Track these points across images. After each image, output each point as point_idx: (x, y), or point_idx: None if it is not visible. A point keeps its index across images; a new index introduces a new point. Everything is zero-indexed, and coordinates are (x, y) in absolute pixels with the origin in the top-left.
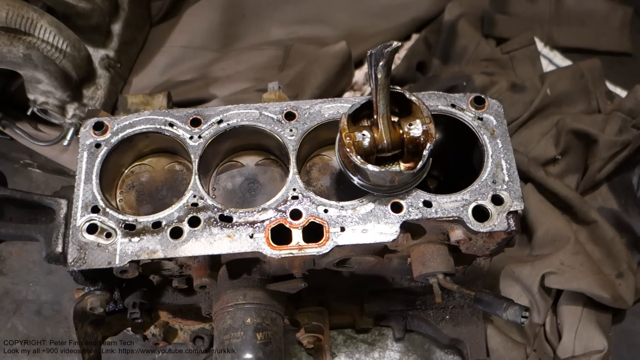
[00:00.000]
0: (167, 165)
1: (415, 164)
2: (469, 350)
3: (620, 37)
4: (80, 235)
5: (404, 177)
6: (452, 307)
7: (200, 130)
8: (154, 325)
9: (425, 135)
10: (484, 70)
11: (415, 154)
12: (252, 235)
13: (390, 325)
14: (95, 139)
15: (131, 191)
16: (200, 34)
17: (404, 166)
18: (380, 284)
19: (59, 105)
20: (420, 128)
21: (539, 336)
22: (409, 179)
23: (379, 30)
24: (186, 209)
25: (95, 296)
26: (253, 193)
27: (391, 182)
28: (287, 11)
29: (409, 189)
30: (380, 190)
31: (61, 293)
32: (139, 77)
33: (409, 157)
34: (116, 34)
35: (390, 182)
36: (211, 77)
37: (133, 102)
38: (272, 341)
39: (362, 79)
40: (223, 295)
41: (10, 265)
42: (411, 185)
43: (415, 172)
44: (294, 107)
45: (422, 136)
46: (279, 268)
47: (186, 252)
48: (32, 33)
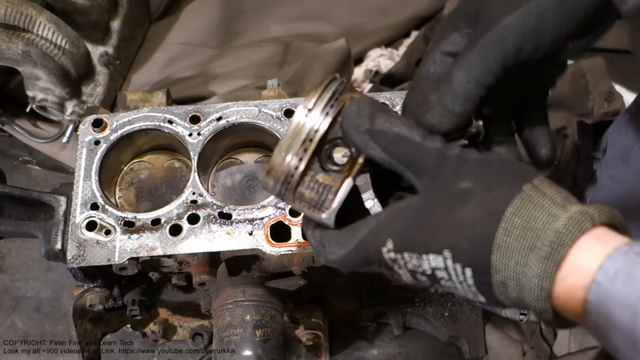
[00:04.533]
0: (166, 162)
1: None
2: (468, 347)
3: (620, 34)
4: (79, 232)
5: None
6: (451, 304)
7: (200, 127)
8: (153, 322)
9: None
10: None
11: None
12: (251, 232)
13: (389, 322)
14: (94, 136)
15: (130, 188)
16: (199, 31)
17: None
18: (379, 281)
19: (58, 102)
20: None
21: (535, 333)
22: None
23: (379, 27)
24: (185, 206)
25: (94, 293)
26: (252, 190)
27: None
28: (287, 8)
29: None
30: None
31: (60, 290)
32: (138, 74)
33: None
34: (115, 31)
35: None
36: (210, 74)
37: (132, 99)
38: (272, 338)
39: (361, 76)
40: (222, 292)
41: (9, 262)
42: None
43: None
44: (294, 104)
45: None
46: (278, 265)
47: (185, 249)
48: (31, 30)
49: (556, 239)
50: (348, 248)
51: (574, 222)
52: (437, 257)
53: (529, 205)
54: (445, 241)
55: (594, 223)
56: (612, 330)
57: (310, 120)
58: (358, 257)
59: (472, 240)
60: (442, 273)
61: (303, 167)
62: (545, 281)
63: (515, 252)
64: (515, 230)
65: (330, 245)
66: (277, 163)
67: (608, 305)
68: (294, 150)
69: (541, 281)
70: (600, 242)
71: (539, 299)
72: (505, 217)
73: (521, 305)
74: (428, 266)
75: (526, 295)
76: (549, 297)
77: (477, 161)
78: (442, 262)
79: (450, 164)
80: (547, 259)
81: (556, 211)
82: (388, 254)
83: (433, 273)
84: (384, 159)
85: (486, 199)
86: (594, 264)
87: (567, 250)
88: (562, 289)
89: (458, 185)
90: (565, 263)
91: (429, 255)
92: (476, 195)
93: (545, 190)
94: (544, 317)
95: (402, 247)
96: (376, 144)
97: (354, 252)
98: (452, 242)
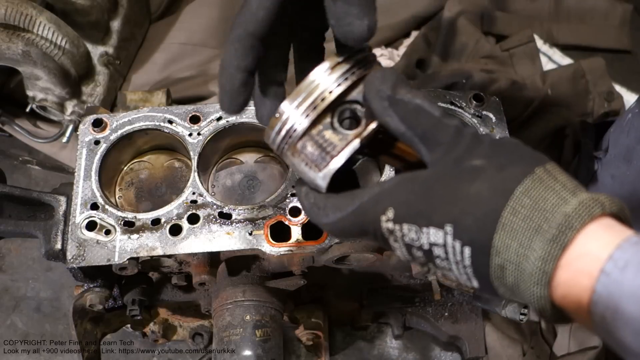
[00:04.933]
0: (166, 162)
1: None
2: (468, 347)
3: (619, 34)
4: (79, 232)
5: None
6: (451, 304)
7: (200, 127)
8: (153, 322)
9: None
10: (484, 67)
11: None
12: (251, 232)
13: (389, 322)
14: (94, 135)
15: (130, 188)
16: (199, 31)
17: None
18: (379, 281)
19: (58, 102)
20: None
21: (535, 333)
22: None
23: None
24: (185, 206)
25: (94, 293)
26: (252, 190)
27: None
28: None
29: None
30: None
31: (60, 290)
32: (137, 74)
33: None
34: (115, 31)
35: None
36: (210, 74)
37: (132, 99)
38: (272, 338)
39: None
40: (222, 292)
41: (9, 262)
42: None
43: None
44: None
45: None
46: (278, 265)
47: (185, 249)
48: (31, 30)
49: (565, 221)
50: (344, 212)
51: (585, 207)
52: (438, 231)
53: (539, 186)
54: (449, 215)
55: (604, 211)
56: (620, 322)
57: (328, 79)
58: (353, 223)
59: (477, 217)
60: (439, 250)
61: (307, 123)
62: (548, 264)
63: (520, 232)
64: (522, 210)
65: (326, 208)
66: (283, 114)
67: (617, 297)
68: (304, 104)
69: (544, 264)
70: (609, 231)
71: (538, 283)
72: (514, 195)
73: (514, 294)
74: (426, 241)
75: (525, 280)
76: (549, 284)
77: (491, 142)
78: (442, 237)
79: (465, 141)
80: (553, 241)
81: (566, 195)
82: (386, 223)
83: (430, 249)
84: (399, 128)
85: (497, 177)
86: (603, 252)
87: (574, 234)
88: (565, 276)
89: (470, 162)
90: (572, 247)
91: (430, 229)
92: (487, 173)
93: (557, 175)
94: (539, 304)
95: (403, 218)
96: (394, 112)
97: (350, 217)
98: (456, 217)
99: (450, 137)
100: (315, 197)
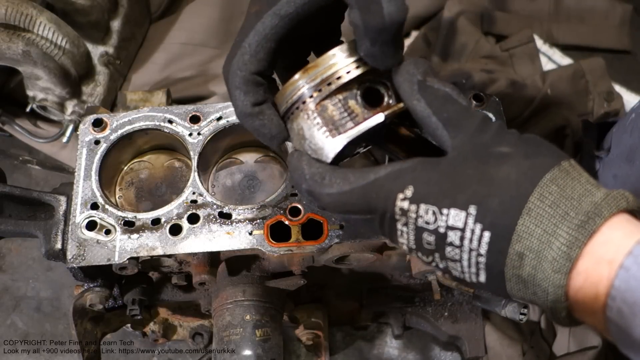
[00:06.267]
0: (166, 162)
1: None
2: (467, 347)
3: (619, 34)
4: (79, 232)
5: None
6: (451, 304)
7: (200, 127)
8: (153, 321)
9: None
10: (484, 67)
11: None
12: (251, 232)
13: (389, 322)
14: (94, 135)
15: (130, 188)
16: (199, 31)
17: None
18: (379, 281)
19: (58, 101)
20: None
21: (535, 333)
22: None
23: None
24: (185, 205)
25: (94, 293)
26: (252, 190)
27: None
28: None
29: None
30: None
31: (60, 289)
32: (138, 74)
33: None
34: (115, 31)
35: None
36: (210, 74)
37: (132, 99)
38: (272, 338)
39: None
40: (222, 292)
41: (9, 262)
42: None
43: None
44: None
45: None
46: (278, 265)
47: (185, 249)
48: (31, 29)
49: (594, 209)
50: (354, 185)
51: (613, 198)
52: (460, 213)
53: (566, 177)
54: (475, 195)
55: (628, 205)
56: (638, 319)
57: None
58: (361, 197)
59: (503, 199)
60: (454, 236)
61: (347, 79)
62: (574, 250)
63: (546, 219)
64: (550, 197)
65: (332, 178)
66: (319, 65)
67: (636, 292)
68: (342, 62)
69: (569, 249)
70: (630, 225)
71: (559, 270)
72: (543, 182)
73: (527, 286)
74: (444, 223)
75: (544, 268)
76: (570, 272)
77: (517, 134)
78: (463, 220)
79: (492, 129)
80: (581, 227)
81: (591, 188)
82: (402, 202)
83: (445, 233)
84: (425, 112)
85: (525, 164)
86: (626, 242)
87: (603, 222)
88: (586, 265)
89: (498, 148)
90: (597, 236)
91: (450, 210)
92: (515, 159)
93: (581, 170)
94: (555, 295)
95: (423, 198)
96: (422, 97)
97: (359, 191)
98: (482, 198)
99: (476, 124)
100: (320, 166)
